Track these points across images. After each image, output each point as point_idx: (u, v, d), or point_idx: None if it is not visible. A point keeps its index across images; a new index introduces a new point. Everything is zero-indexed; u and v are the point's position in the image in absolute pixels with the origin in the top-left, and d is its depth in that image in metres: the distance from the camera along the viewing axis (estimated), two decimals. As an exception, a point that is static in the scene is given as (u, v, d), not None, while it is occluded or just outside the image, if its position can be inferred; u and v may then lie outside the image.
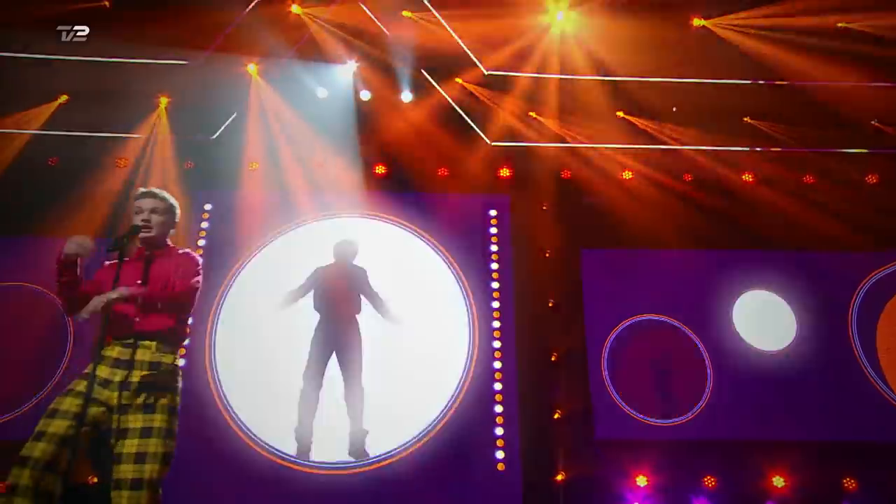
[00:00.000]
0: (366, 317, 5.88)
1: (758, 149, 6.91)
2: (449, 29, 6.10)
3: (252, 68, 6.55)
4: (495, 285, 6.63)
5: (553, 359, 6.37)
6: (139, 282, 3.03)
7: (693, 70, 6.28)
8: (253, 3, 6.00)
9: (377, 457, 5.83)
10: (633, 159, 6.94)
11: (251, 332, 6.26)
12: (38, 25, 5.56)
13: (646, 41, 5.97)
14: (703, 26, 5.79)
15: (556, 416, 6.15)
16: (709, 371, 6.55)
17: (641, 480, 6.02)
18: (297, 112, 6.63)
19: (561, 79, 6.36)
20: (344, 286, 5.84)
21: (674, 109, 6.62)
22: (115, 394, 2.87)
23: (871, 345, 6.62)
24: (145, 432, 2.83)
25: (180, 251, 3.29)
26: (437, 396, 6.14)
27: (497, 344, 6.39)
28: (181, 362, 3.14)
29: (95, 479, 5.62)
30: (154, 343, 3.01)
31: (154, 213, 3.19)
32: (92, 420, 2.84)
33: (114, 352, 2.98)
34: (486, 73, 6.29)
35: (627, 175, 6.99)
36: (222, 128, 6.67)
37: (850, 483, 6.03)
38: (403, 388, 6.11)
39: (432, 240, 6.76)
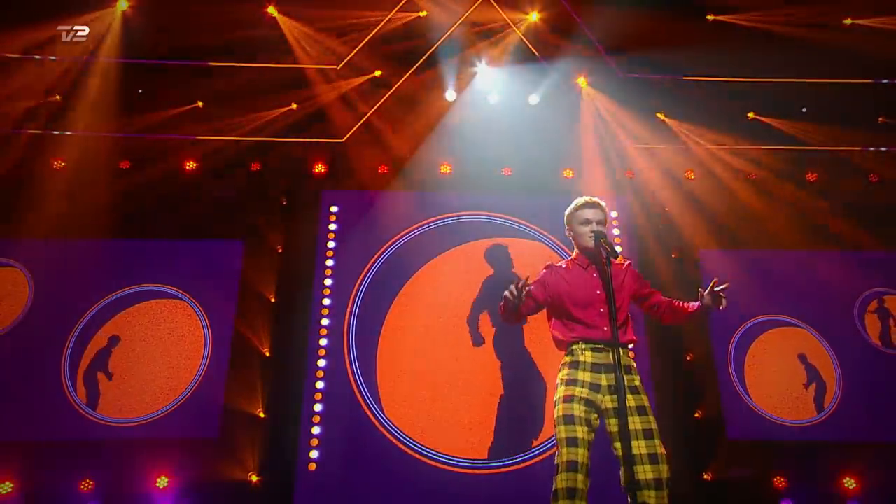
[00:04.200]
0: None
1: (882, 149, 6.86)
2: (586, 29, 6.15)
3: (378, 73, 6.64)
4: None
5: (689, 358, 6.39)
6: (599, 291, 3.16)
7: (828, 70, 6.26)
8: (389, 15, 6.13)
9: (522, 457, 5.90)
10: (757, 159, 6.91)
11: (390, 331, 6.36)
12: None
13: (785, 40, 5.97)
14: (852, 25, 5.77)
15: (696, 416, 6.18)
16: (837, 371, 6.53)
17: (779, 481, 6.02)
18: (425, 114, 6.70)
19: (693, 80, 6.38)
20: None
21: (803, 110, 6.59)
22: (608, 397, 2.96)
23: None
24: (647, 434, 2.96)
25: (620, 262, 3.39)
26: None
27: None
28: None
29: (255, 478, 5.74)
30: (621, 348, 3.11)
31: (599, 224, 3.27)
32: (593, 425, 3.03)
33: (587, 356, 3.07)
34: (621, 75, 6.31)
35: (749, 176, 6.98)
36: (353, 129, 6.75)
37: None
38: (540, 393, 6.18)
39: (556, 241, 6.80)
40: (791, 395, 6.46)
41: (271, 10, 5.93)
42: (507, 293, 3.04)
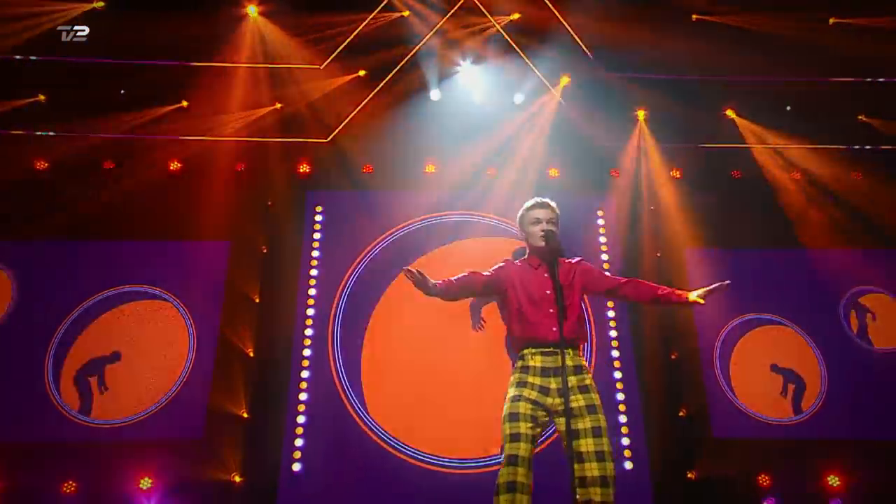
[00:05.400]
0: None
1: (867, 147, 6.88)
2: (568, 28, 6.15)
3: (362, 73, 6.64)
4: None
5: (673, 357, 6.39)
6: (549, 291, 3.12)
7: (812, 68, 6.28)
8: (372, 14, 6.14)
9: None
10: (742, 158, 6.93)
11: (375, 330, 6.36)
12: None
13: (769, 39, 5.99)
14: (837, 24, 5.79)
15: (681, 414, 6.18)
16: (822, 369, 6.54)
17: (764, 479, 6.03)
18: (410, 114, 6.69)
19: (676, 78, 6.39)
20: None
21: (788, 108, 6.61)
22: (557, 400, 2.99)
23: None
24: (596, 432, 2.96)
25: (571, 260, 3.37)
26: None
27: (614, 333, 6.46)
28: None
29: (239, 478, 5.73)
30: (570, 349, 3.10)
31: (550, 224, 3.26)
32: (541, 421, 3.03)
33: (537, 360, 3.09)
34: (604, 73, 6.31)
35: (736, 175, 6.99)
36: (337, 129, 6.75)
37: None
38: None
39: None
40: (776, 394, 6.46)
41: (253, 9, 5.92)
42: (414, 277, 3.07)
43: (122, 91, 6.37)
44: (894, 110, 6.50)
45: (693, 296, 3.18)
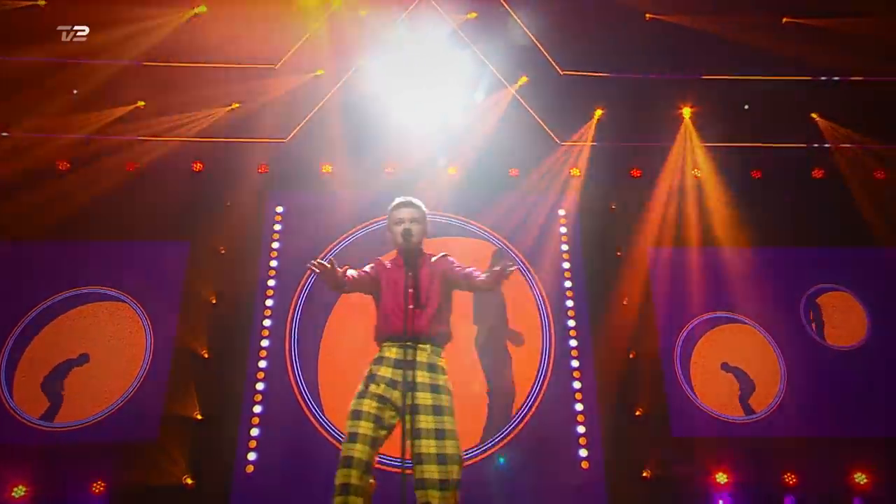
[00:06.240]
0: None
1: (826, 145, 6.89)
2: (524, 27, 6.14)
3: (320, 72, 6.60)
4: (568, 284, 6.67)
5: (632, 356, 6.38)
6: (410, 290, 3.09)
7: (766, 67, 6.28)
8: (329, 12, 6.12)
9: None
10: (702, 157, 6.93)
11: (332, 333, 6.33)
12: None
13: (725, 38, 5.99)
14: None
15: (637, 413, 6.17)
16: (782, 367, 6.55)
17: (721, 477, 6.04)
18: (369, 114, 6.66)
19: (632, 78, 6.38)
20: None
21: (745, 107, 6.61)
22: (408, 394, 2.95)
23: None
24: (439, 434, 2.94)
25: (434, 258, 3.35)
26: (517, 396, 6.19)
27: (574, 343, 6.42)
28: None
29: (190, 480, 5.68)
30: (429, 346, 3.10)
31: (414, 223, 3.25)
32: (387, 422, 3.00)
33: (392, 353, 3.06)
34: (561, 72, 6.30)
35: (697, 173, 6.98)
36: (296, 129, 6.71)
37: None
38: (481, 390, 6.17)
39: (503, 240, 6.79)
40: (735, 393, 6.47)
41: (202, 8, 5.88)
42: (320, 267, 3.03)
43: (76, 91, 6.29)
44: (849, 109, 6.50)
45: (482, 277, 3.15)
